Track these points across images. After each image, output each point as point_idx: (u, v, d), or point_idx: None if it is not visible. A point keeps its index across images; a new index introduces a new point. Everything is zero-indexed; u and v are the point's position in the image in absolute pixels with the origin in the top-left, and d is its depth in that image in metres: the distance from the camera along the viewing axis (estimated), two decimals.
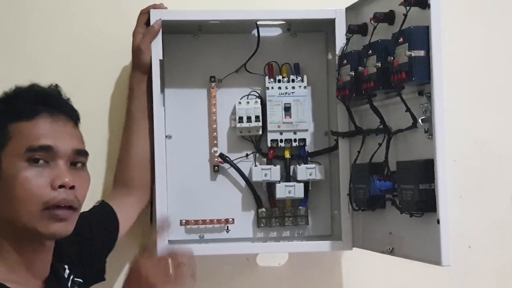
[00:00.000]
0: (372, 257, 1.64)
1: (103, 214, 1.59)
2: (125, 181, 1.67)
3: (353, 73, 1.57)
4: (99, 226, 1.55)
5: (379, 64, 1.47)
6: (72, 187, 1.26)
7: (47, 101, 1.30)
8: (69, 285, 1.39)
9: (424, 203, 1.37)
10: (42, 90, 1.33)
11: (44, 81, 1.36)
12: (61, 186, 1.25)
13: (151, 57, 1.63)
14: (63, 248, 1.39)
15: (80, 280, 1.44)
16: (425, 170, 1.37)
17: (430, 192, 1.35)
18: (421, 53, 1.36)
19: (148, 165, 1.67)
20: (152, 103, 1.63)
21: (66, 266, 1.41)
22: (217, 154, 1.74)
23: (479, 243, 1.90)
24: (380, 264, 1.80)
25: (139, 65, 1.66)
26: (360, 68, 1.54)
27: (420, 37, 1.36)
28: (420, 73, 1.36)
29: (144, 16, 1.66)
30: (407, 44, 1.37)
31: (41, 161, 1.25)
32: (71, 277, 1.41)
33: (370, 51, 1.50)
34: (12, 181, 1.24)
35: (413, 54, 1.36)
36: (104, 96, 1.78)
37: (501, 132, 1.92)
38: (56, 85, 1.36)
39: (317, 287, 1.85)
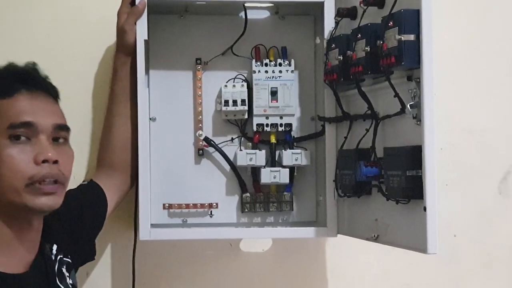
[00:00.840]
0: (357, 244, 1.63)
1: (92, 192, 1.58)
2: (108, 162, 1.65)
3: (341, 57, 1.55)
4: (89, 204, 1.55)
5: (368, 48, 1.44)
6: (55, 162, 1.27)
7: (26, 79, 1.32)
8: (56, 266, 1.38)
9: (411, 190, 1.35)
10: (20, 68, 1.34)
11: (28, 60, 1.36)
12: (44, 161, 1.26)
13: (135, 37, 1.60)
14: (51, 227, 1.39)
15: (69, 260, 1.42)
16: (413, 156, 1.35)
17: (417, 179, 1.33)
18: (411, 37, 1.34)
19: (131, 147, 1.65)
20: (136, 85, 1.60)
21: (54, 246, 1.40)
22: (201, 138, 1.72)
23: (465, 232, 1.90)
24: (365, 251, 1.79)
25: (123, 46, 1.63)
26: (348, 52, 1.52)
27: (411, 21, 1.34)
28: (409, 58, 1.34)
29: None
30: (397, 28, 1.35)
31: (22, 138, 1.26)
32: (59, 257, 1.40)
33: (359, 35, 1.48)
34: None
35: (403, 38, 1.34)
36: (88, 77, 1.76)
37: (490, 121, 1.91)
38: (34, 63, 1.37)
39: (301, 274, 1.84)
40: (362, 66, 1.47)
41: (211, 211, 1.73)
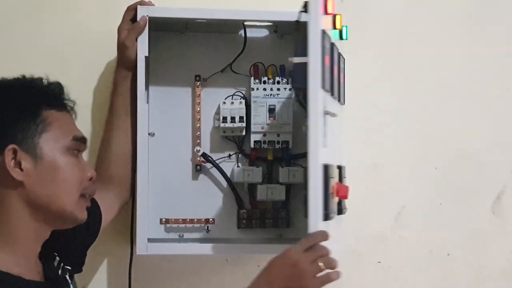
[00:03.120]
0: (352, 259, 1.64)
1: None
2: (105, 176, 1.64)
3: None
4: None
5: None
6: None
7: (66, 97, 1.40)
8: (59, 272, 1.40)
9: None
10: (62, 85, 1.40)
11: (29, 74, 1.37)
12: (90, 179, 1.36)
13: (136, 53, 1.62)
14: (53, 236, 1.39)
15: (69, 267, 1.44)
16: None
17: None
18: None
19: (128, 161, 1.66)
20: (136, 100, 1.62)
21: (55, 253, 1.41)
22: (199, 154, 1.73)
23: (458, 251, 1.91)
24: (357, 266, 1.80)
25: (124, 61, 1.65)
26: None
27: None
28: None
29: (131, 12, 1.65)
30: None
31: (76, 151, 1.34)
32: (62, 264, 1.41)
33: None
34: (56, 167, 1.30)
35: None
36: (88, 91, 1.78)
37: (484, 140, 1.93)
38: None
39: None
40: None
41: (207, 227, 1.74)
